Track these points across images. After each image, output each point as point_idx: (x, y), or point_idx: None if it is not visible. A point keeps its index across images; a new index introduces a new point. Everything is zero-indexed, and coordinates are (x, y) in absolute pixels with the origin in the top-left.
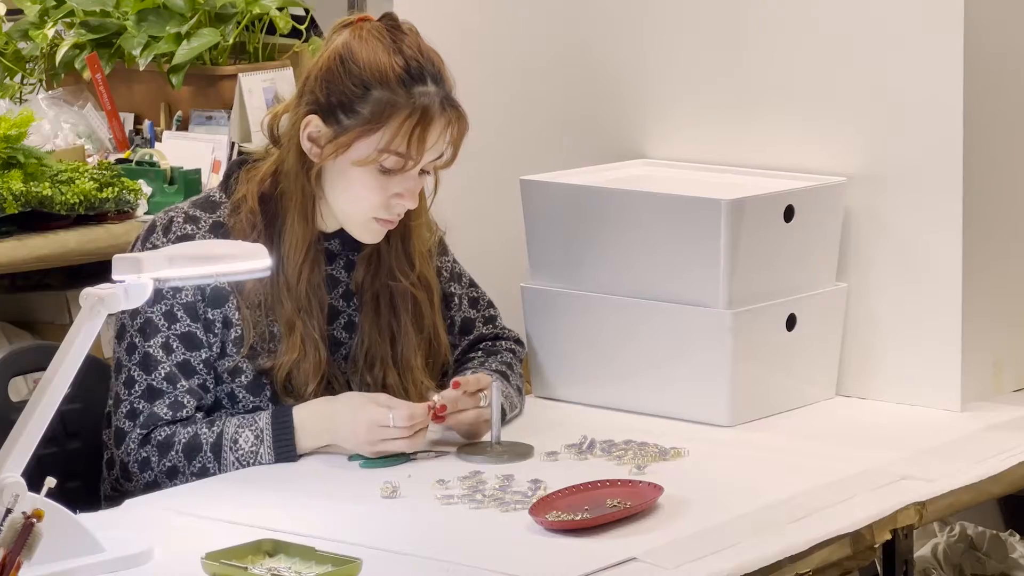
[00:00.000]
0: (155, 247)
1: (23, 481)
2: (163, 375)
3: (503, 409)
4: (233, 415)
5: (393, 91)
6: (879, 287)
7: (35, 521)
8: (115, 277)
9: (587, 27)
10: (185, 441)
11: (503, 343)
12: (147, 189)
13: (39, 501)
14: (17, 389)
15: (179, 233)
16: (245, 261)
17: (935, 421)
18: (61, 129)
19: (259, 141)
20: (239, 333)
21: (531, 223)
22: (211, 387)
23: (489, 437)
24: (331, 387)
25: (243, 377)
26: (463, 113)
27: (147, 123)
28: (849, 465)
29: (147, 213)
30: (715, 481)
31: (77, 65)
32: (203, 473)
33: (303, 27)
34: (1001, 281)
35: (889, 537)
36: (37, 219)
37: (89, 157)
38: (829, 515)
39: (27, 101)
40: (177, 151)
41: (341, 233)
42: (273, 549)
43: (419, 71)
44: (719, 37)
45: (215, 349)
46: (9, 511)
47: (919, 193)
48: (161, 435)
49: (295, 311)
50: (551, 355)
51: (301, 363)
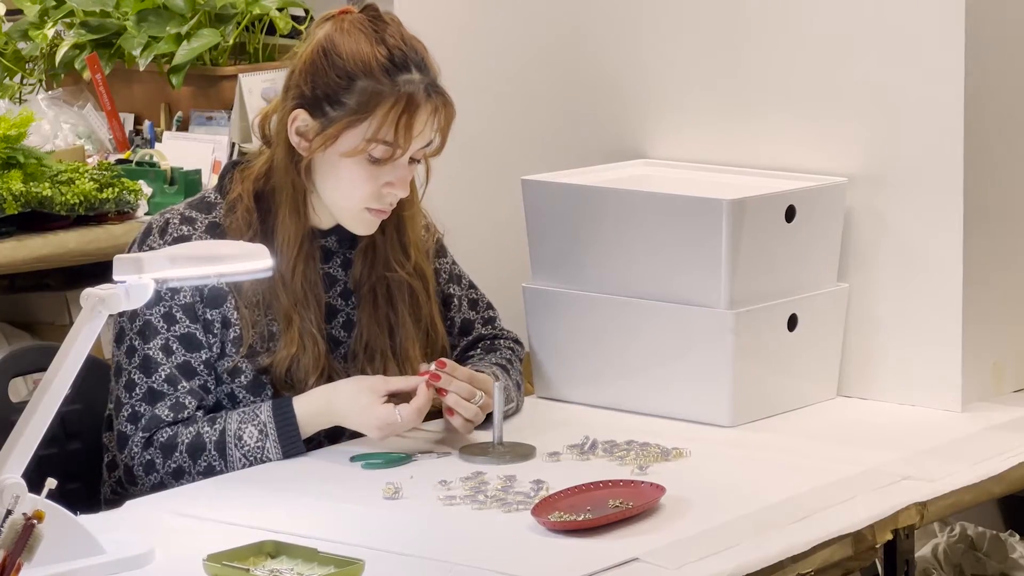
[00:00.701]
0: (151, 249)
1: (23, 482)
2: (163, 377)
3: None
4: (234, 411)
5: (378, 80)
6: (880, 287)
7: (36, 522)
8: (116, 277)
9: (588, 27)
10: (188, 441)
11: (502, 342)
12: (147, 190)
13: (40, 502)
14: (17, 390)
15: (175, 235)
16: (247, 261)
17: (936, 421)
18: (61, 129)
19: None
20: (238, 333)
21: (532, 223)
22: (212, 388)
23: (491, 438)
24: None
25: (243, 377)
26: (449, 100)
27: (147, 123)
28: (850, 465)
29: (147, 214)
30: (717, 481)
31: (77, 65)
32: (209, 472)
33: (303, 27)
34: (1002, 282)
35: (890, 537)
36: (37, 219)
37: (89, 157)
38: (830, 515)
39: (27, 101)
40: (177, 151)
41: (337, 230)
42: (275, 550)
43: (403, 59)
44: (720, 37)
45: (215, 349)
46: (9, 512)
47: (920, 193)
48: (163, 437)
49: (291, 306)
50: (552, 355)
51: (300, 357)
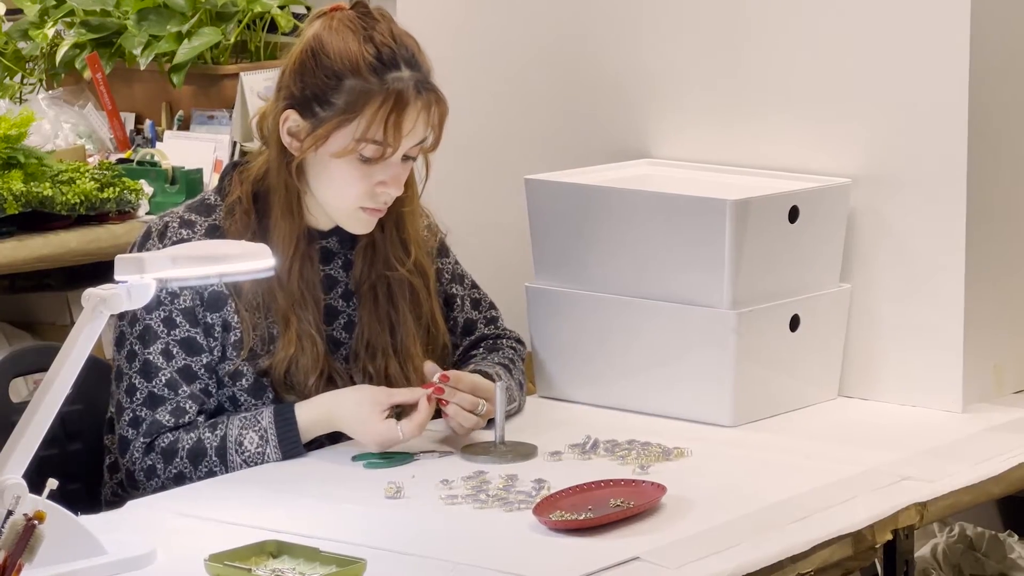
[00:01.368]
0: None
1: (24, 483)
2: (164, 381)
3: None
4: (235, 416)
5: (365, 80)
6: (882, 288)
7: (36, 523)
8: (118, 277)
9: (592, 26)
10: (189, 447)
11: (504, 341)
12: (148, 189)
13: (40, 503)
14: (17, 390)
15: (175, 239)
16: (248, 261)
17: (936, 422)
18: (61, 129)
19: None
20: (239, 336)
21: (535, 223)
22: (214, 391)
23: (493, 437)
24: (334, 384)
25: (244, 380)
26: (442, 96)
27: (148, 123)
28: (851, 466)
29: (148, 213)
30: (718, 481)
31: (77, 65)
32: (210, 477)
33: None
34: (1003, 283)
35: (890, 537)
36: (38, 219)
37: (90, 157)
38: (830, 515)
39: (27, 101)
40: (178, 151)
41: (338, 231)
42: (277, 550)
43: (391, 57)
44: (724, 37)
45: (216, 353)
46: (10, 513)
47: (923, 195)
48: (164, 442)
49: (289, 307)
50: (555, 355)
51: (299, 358)
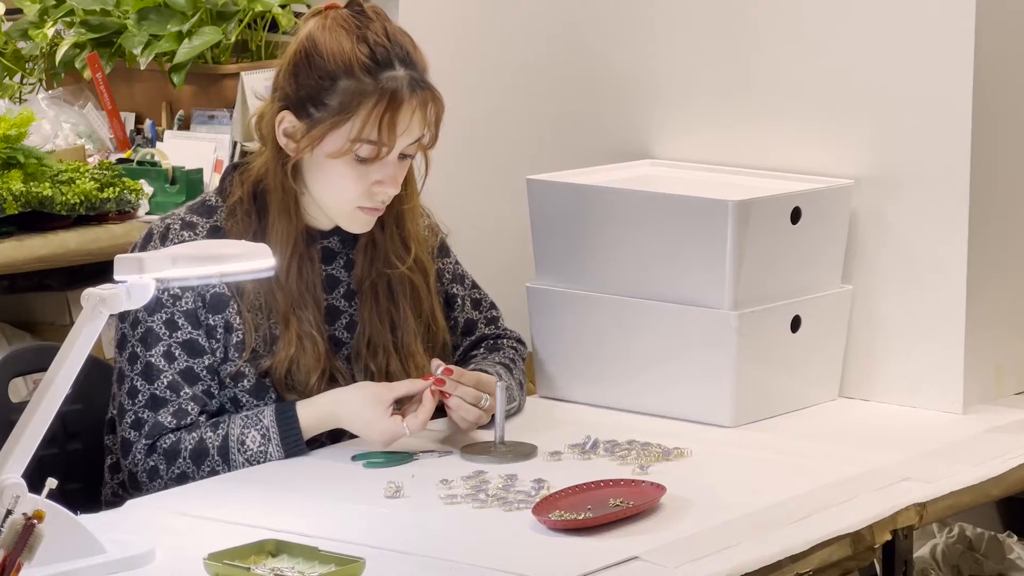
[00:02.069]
0: None
1: (24, 482)
2: (166, 383)
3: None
4: (237, 416)
5: (359, 80)
6: (884, 290)
7: (36, 522)
8: (117, 277)
9: (594, 26)
10: (191, 447)
11: (505, 341)
12: (148, 189)
13: (40, 502)
14: (17, 390)
15: (176, 241)
16: (249, 261)
17: (937, 423)
18: (61, 129)
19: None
20: (241, 337)
21: (537, 223)
22: (215, 393)
23: (493, 437)
24: (336, 383)
25: (246, 381)
26: (437, 93)
27: (148, 123)
28: (850, 466)
29: (148, 213)
30: (717, 481)
31: (77, 64)
32: (213, 476)
33: None
34: (1005, 285)
35: (889, 538)
36: (37, 219)
37: (90, 157)
38: (830, 515)
39: (27, 101)
40: (179, 151)
41: (339, 231)
42: (276, 549)
43: (385, 56)
44: (727, 38)
45: (218, 355)
46: (10, 512)
47: (925, 196)
48: (166, 443)
49: (289, 307)
50: (555, 355)
51: (300, 358)
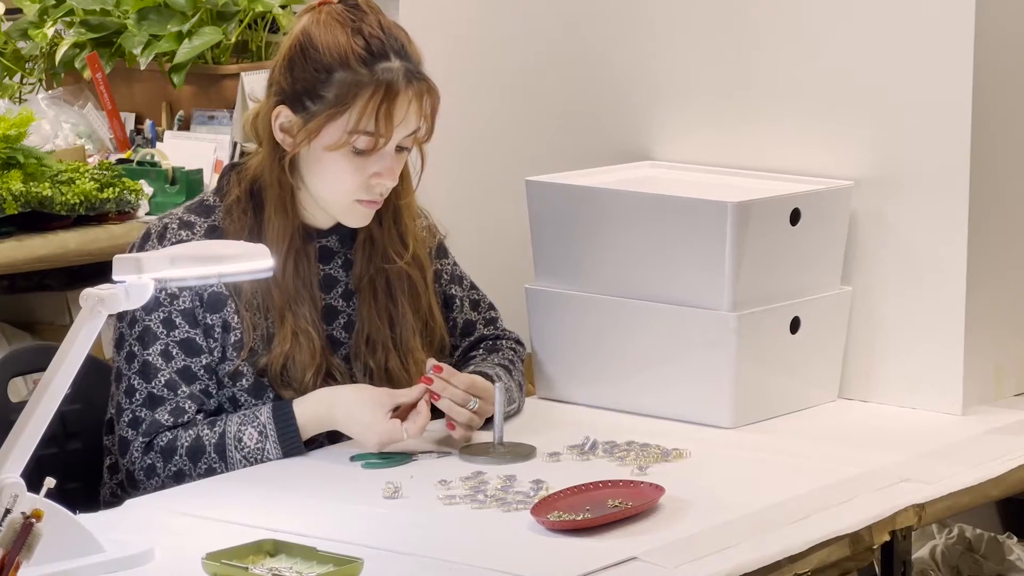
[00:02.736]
0: None
1: (22, 481)
2: (163, 382)
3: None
4: (234, 414)
5: (355, 71)
6: (883, 291)
7: (34, 521)
8: (116, 277)
9: (594, 28)
10: (188, 444)
11: (504, 342)
12: (148, 189)
13: (38, 501)
14: (17, 390)
15: (174, 240)
16: (247, 261)
17: (936, 424)
18: (61, 129)
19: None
20: (239, 336)
21: (536, 224)
22: (214, 392)
23: (492, 438)
24: (333, 380)
25: (244, 380)
26: (433, 85)
27: (148, 123)
28: (850, 467)
29: (148, 214)
30: (716, 482)
31: (77, 64)
32: (210, 474)
33: None
34: (1004, 286)
35: (888, 538)
36: (37, 219)
37: (89, 157)
38: (829, 516)
39: (27, 101)
40: (179, 151)
41: (337, 229)
42: (274, 549)
43: (380, 48)
44: (727, 39)
45: (216, 354)
46: (8, 511)
47: (925, 198)
48: (163, 440)
49: (284, 303)
50: (554, 356)
51: (295, 354)
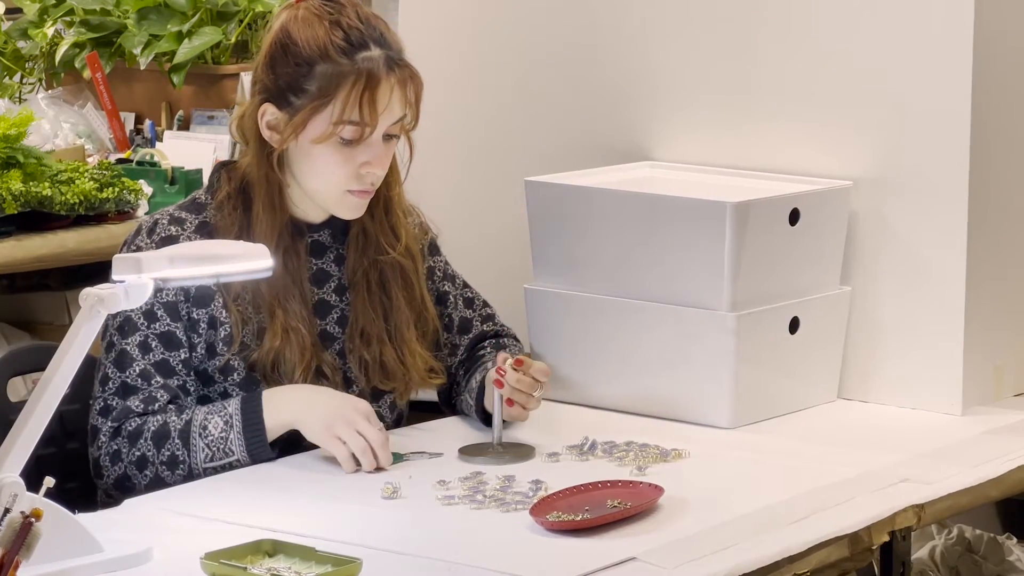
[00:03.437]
0: (139, 249)
1: (22, 481)
2: (138, 372)
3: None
4: (206, 404)
5: (335, 62)
6: (883, 291)
7: (33, 521)
8: (115, 277)
9: (593, 28)
10: (154, 429)
11: (506, 339)
12: (148, 189)
13: (38, 501)
14: (16, 389)
15: (163, 235)
16: (247, 261)
17: (936, 425)
18: (61, 129)
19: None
20: (228, 331)
21: (535, 224)
22: (191, 389)
23: (491, 438)
24: (324, 376)
25: (235, 375)
26: (415, 72)
27: (148, 123)
28: (849, 467)
29: (147, 213)
30: (715, 482)
31: (77, 64)
32: (172, 462)
33: None
34: (1004, 287)
35: (887, 539)
36: (37, 219)
37: (89, 157)
38: (828, 516)
39: (26, 100)
40: (178, 151)
41: (330, 224)
42: (273, 549)
43: (359, 38)
44: (726, 40)
45: (199, 350)
46: (7, 510)
47: (924, 198)
48: (131, 426)
49: (274, 299)
50: (554, 356)
51: (285, 349)
